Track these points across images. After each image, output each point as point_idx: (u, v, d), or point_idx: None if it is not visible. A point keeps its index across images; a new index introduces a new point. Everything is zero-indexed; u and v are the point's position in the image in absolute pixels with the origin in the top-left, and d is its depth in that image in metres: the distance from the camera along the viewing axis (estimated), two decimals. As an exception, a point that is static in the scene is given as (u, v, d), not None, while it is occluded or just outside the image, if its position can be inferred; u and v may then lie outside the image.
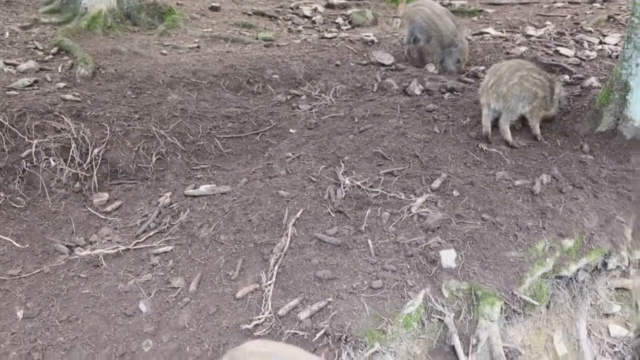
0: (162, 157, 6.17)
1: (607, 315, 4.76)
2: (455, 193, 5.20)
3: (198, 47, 9.16)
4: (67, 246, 5.03)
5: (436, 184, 5.30)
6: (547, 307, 4.61)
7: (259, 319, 4.25)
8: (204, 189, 5.59)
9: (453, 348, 4.35)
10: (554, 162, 5.62)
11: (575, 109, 6.38)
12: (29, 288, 4.65)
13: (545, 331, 4.62)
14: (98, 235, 5.14)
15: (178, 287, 4.57)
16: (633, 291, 4.86)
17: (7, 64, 7.56)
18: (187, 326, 4.33)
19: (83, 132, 5.94)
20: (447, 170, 5.50)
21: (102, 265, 4.79)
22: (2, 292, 4.64)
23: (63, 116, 6.10)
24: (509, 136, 5.88)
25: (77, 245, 5.04)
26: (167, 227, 5.15)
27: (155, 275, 4.69)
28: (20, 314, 4.41)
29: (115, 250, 4.89)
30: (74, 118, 6.18)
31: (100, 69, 7.71)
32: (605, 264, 4.70)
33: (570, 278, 4.63)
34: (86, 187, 5.77)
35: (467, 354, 4.29)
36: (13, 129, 5.85)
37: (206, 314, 4.37)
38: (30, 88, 6.87)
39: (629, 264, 4.82)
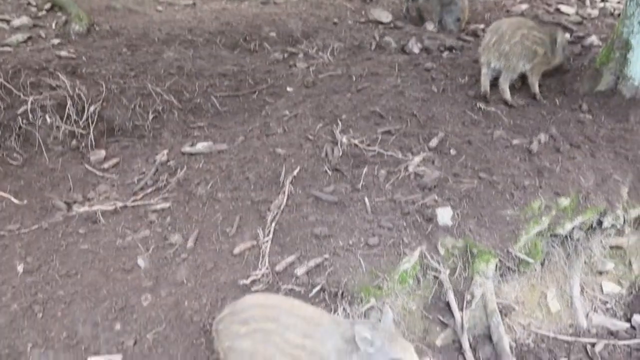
0: (158, 114, 6.14)
1: (600, 272, 4.81)
2: (453, 152, 5.20)
3: (194, 4, 9.02)
4: (65, 203, 5.05)
5: (433, 142, 5.29)
6: (542, 264, 4.66)
7: (256, 274, 4.30)
8: (201, 146, 5.58)
9: (448, 304, 4.41)
10: (552, 121, 5.61)
11: (575, 67, 6.33)
12: (28, 243, 4.68)
13: (539, 288, 4.69)
14: (96, 192, 5.15)
15: (176, 244, 4.60)
16: (627, 249, 4.91)
17: (0, 20, 7.45)
18: (185, 281, 4.38)
19: (79, 90, 5.88)
20: (445, 129, 5.49)
21: (100, 221, 4.81)
22: (2, 247, 4.67)
23: (58, 73, 6.04)
24: (508, 95, 5.86)
25: (75, 202, 5.05)
26: (165, 185, 5.15)
27: (153, 232, 4.72)
28: (20, 268, 4.45)
29: (113, 207, 4.90)
30: (69, 75, 6.12)
31: (95, 26, 7.61)
32: (600, 223, 4.73)
33: (565, 236, 4.67)
34: (83, 144, 5.76)
35: (461, 310, 4.35)
36: (8, 85, 5.80)
37: (204, 269, 4.41)
38: (24, 44, 6.80)
39: (624, 222, 4.85)
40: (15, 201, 5.07)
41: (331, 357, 3.30)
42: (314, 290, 4.15)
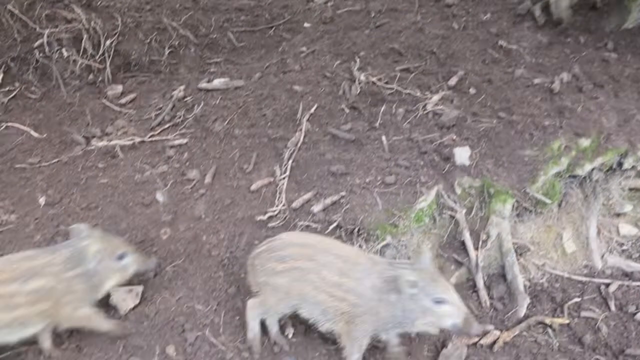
0: (174, 50, 6.07)
1: (618, 214, 4.78)
2: (472, 91, 5.12)
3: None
4: (83, 137, 5.07)
5: (453, 81, 5.21)
6: (559, 205, 4.64)
7: (273, 211, 4.34)
8: (217, 82, 5.54)
9: (463, 243, 4.44)
10: (575, 59, 5.48)
11: (602, 4, 6.12)
12: (49, 176, 4.74)
13: (555, 229, 4.68)
14: (113, 126, 5.16)
15: (194, 179, 4.64)
16: (646, 191, 4.86)
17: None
18: (203, 216, 4.43)
19: (94, 23, 5.81)
20: (465, 68, 5.39)
21: (118, 156, 4.85)
22: (24, 180, 4.74)
23: (73, 5, 5.96)
24: None
25: (94, 136, 5.08)
26: (182, 120, 5.15)
27: (171, 167, 4.75)
28: (42, 200, 4.52)
29: (131, 142, 4.93)
30: (84, 8, 6.05)
31: (109, -43, 7.45)
32: (620, 164, 4.67)
33: (584, 177, 4.63)
34: (100, 79, 5.73)
35: (476, 249, 4.38)
36: (24, 18, 5.75)
37: (221, 205, 4.46)
38: (38, -24, 6.69)
39: (645, 164, 4.80)
40: (35, 135, 5.10)
41: (368, 295, 3.37)
42: (330, 227, 4.19)
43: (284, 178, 4.51)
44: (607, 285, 4.42)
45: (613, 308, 4.22)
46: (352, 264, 3.46)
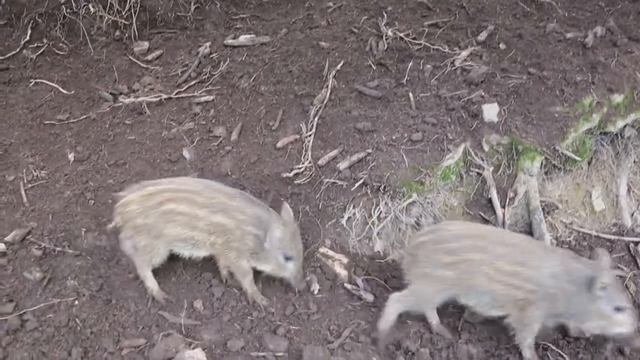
0: (200, 5, 6.03)
1: (649, 172, 4.72)
2: (502, 46, 5.00)
3: None
4: (111, 94, 5.11)
5: (482, 36, 5.09)
6: (589, 163, 4.57)
7: (299, 168, 4.34)
8: (243, 39, 5.49)
9: (490, 201, 4.41)
10: (610, 13, 5.30)
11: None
12: (78, 133, 4.80)
13: (584, 187, 4.62)
14: (140, 83, 5.18)
15: (220, 136, 4.65)
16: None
17: None
18: (229, 173, 4.46)
19: (120, -22, 5.79)
20: (495, 22, 5.25)
21: (145, 112, 4.88)
22: (53, 136, 4.82)
23: (99, -39, 5.93)
24: None
25: (121, 93, 5.11)
26: (208, 77, 5.14)
27: (198, 124, 4.77)
28: (71, 157, 4.60)
29: (158, 99, 4.95)
30: (110, -37, 6.01)
31: None
32: (654, 120, 4.57)
33: (616, 134, 4.53)
34: (126, 35, 5.73)
35: (503, 207, 4.35)
36: (50, -27, 5.75)
37: (247, 162, 4.48)
38: None
39: (679, 120, 4.67)
40: (64, 91, 5.15)
41: (547, 283, 3.36)
42: (356, 185, 4.20)
43: (309, 135, 4.50)
44: (636, 243, 4.37)
45: (641, 266, 4.20)
46: (527, 253, 3.45)
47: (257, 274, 3.79)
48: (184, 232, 3.63)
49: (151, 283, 3.81)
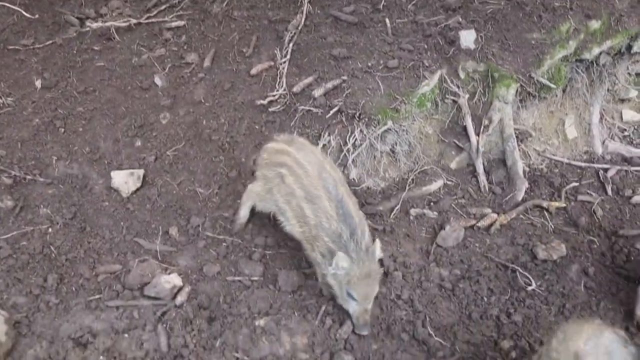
0: None
1: (622, 100, 4.72)
2: (481, -29, 4.89)
3: None
4: (77, 18, 4.91)
5: (461, -40, 4.96)
6: (563, 91, 4.57)
7: (274, 95, 4.29)
8: (215, -39, 5.29)
9: (465, 128, 4.42)
10: (590, -62, 5.19)
11: None
12: (44, 59, 4.64)
13: (557, 115, 4.64)
14: (108, 7, 4.97)
15: (192, 63, 4.54)
16: (653, 75, 4.75)
17: None
18: (202, 101, 4.39)
19: None
20: (474, -53, 5.12)
21: (114, 38, 4.72)
22: (18, 62, 4.65)
23: None
24: None
25: (88, 17, 4.91)
26: (179, 1, 4.95)
27: (169, 50, 4.64)
28: (38, 83, 4.46)
29: (127, 24, 4.77)
30: None
31: None
32: (629, 47, 4.52)
33: (591, 62, 4.51)
34: (91, -44, 5.48)
35: (478, 134, 4.37)
36: None
37: (221, 89, 4.40)
38: None
39: (655, 47, 4.66)
40: (27, 15, 4.92)
41: None
42: (331, 112, 4.16)
43: (284, 62, 4.41)
44: (606, 170, 4.45)
45: (610, 192, 4.27)
46: None
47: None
48: (281, 201, 3.51)
49: (243, 214, 3.79)
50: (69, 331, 3.10)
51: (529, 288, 3.56)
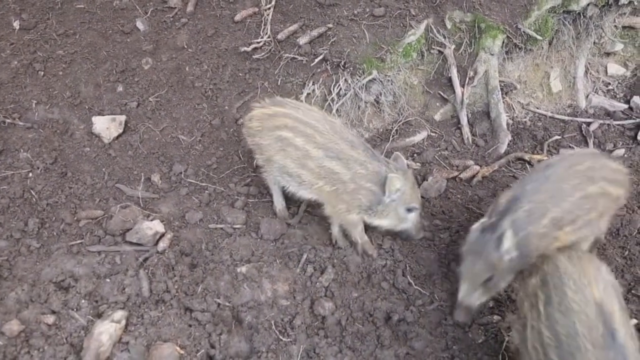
0: None
1: (607, 54, 4.70)
2: None
3: None
4: (56, -42, 4.76)
5: None
6: (549, 43, 4.53)
7: (258, 42, 4.22)
8: None
9: (450, 80, 4.40)
10: None
11: None
12: None
13: (543, 68, 4.62)
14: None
15: (175, 7, 4.43)
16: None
17: None
18: (185, 47, 4.32)
19: None
20: None
21: (94, -20, 4.59)
22: (-6, 1, 4.53)
23: None
24: None
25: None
26: (162, -57, 4.81)
27: (151, -7, 4.53)
28: (16, 24, 4.32)
29: (108, -35, 4.64)
30: None
31: None
32: (617, -1, 4.51)
33: (579, 13, 4.46)
34: None
35: (463, 86, 4.35)
36: None
37: (204, 35, 4.32)
38: None
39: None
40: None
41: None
42: (316, 60, 4.12)
43: (269, 8, 4.32)
44: (589, 124, 4.46)
45: (591, 145, 4.29)
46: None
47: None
48: (293, 166, 3.37)
49: (275, 199, 3.67)
50: (50, 275, 3.11)
51: (508, 239, 3.60)
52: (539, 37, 4.34)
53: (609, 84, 4.71)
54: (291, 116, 3.33)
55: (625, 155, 4.24)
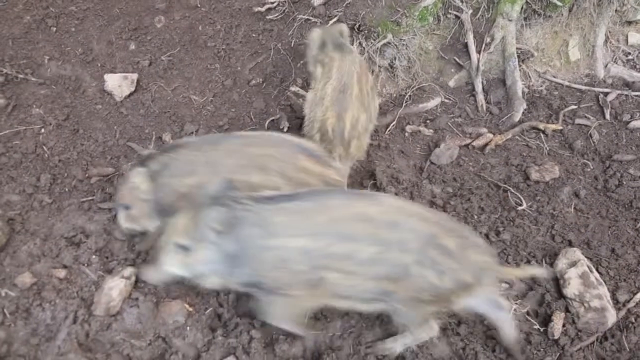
0: None
1: (629, 23, 4.58)
2: None
3: None
4: None
5: None
6: (570, 10, 4.42)
7: (272, 2, 4.18)
8: None
9: (466, 45, 4.32)
10: None
11: None
12: (34, -46, 4.47)
13: (561, 35, 4.52)
14: None
15: (188, -34, 4.38)
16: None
17: None
18: (199, 5, 4.28)
19: None
20: None
21: None
22: (7, -44, 4.48)
23: None
24: None
25: None
26: None
27: (164, -49, 4.46)
28: (28, -21, 4.31)
29: None
30: None
31: None
32: (642, -36, 4.38)
33: (601, -21, 4.37)
34: None
35: (479, 52, 4.28)
36: None
37: (218, -6, 4.28)
38: None
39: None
40: None
41: None
42: (331, 22, 4.06)
43: (284, -32, 4.26)
44: (606, 94, 4.38)
45: (608, 116, 4.22)
46: None
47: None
48: None
49: None
50: (62, 230, 3.14)
51: (519, 208, 3.57)
52: (559, 3, 4.24)
53: (629, 53, 4.60)
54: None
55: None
